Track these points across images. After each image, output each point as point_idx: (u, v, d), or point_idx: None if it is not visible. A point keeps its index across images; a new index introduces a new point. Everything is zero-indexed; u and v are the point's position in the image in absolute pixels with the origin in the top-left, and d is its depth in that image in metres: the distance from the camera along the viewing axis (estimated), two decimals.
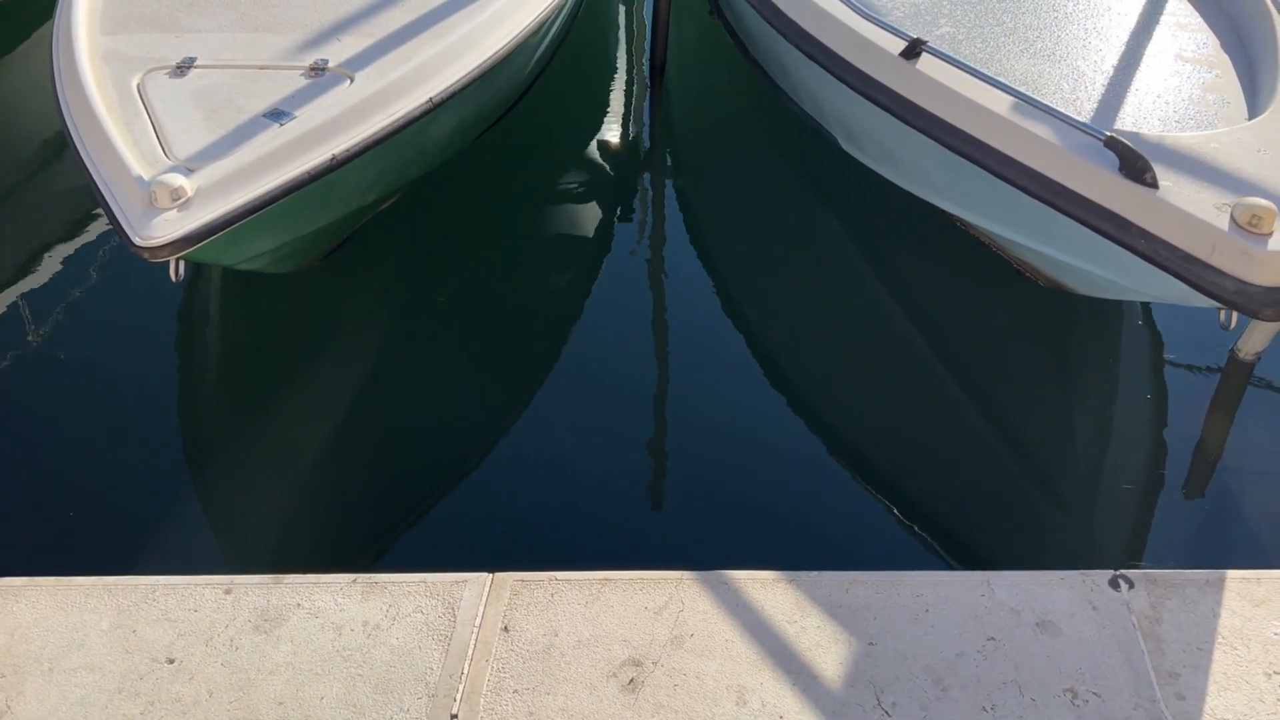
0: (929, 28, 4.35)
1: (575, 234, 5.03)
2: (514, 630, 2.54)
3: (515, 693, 2.41)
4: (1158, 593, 2.66)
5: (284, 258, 3.86)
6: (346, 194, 3.74)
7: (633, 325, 4.44)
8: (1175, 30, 4.32)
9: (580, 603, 2.61)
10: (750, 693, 2.42)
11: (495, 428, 3.80)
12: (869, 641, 2.54)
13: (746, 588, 2.66)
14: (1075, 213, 3.24)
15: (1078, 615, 2.60)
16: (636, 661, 2.48)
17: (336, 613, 2.56)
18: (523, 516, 3.41)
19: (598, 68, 6.54)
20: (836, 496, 3.72)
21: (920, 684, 2.44)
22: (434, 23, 3.91)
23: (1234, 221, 2.94)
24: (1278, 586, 2.68)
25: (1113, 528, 3.63)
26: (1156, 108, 3.78)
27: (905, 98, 3.75)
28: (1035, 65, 4.03)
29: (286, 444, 3.65)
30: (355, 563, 3.14)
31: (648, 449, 3.68)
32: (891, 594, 2.65)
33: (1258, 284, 2.89)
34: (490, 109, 4.63)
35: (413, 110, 3.52)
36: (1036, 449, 3.88)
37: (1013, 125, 3.38)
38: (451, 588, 2.63)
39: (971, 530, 3.65)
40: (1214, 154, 3.25)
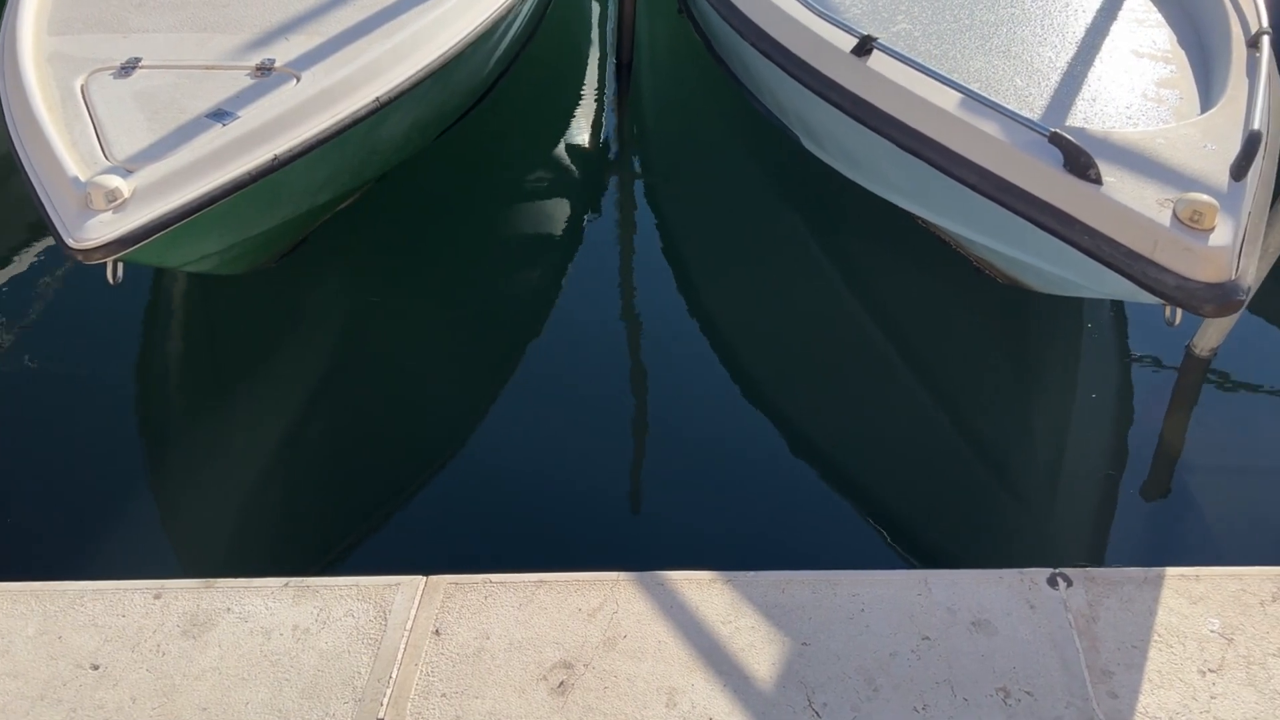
0: (886, 24, 4.33)
1: (538, 234, 5.00)
2: (445, 633, 2.52)
3: (443, 696, 2.39)
4: (1096, 591, 2.64)
5: (233, 259, 3.84)
6: (295, 194, 3.72)
7: (590, 328, 4.40)
8: (1133, 26, 4.31)
9: (514, 605, 2.59)
10: (681, 694, 2.40)
11: (442, 431, 3.77)
12: (803, 642, 2.52)
13: (683, 588, 2.64)
14: (1021, 209, 3.22)
15: (1014, 614, 2.59)
16: (568, 664, 2.46)
17: (267, 617, 2.54)
18: (465, 520, 3.38)
19: (565, 66, 6.52)
20: (792, 496, 3.70)
21: (852, 684, 2.43)
22: (384, 22, 3.88)
23: (1176, 217, 2.93)
24: (1217, 583, 2.67)
25: (1066, 526, 3.62)
26: (1109, 103, 3.77)
27: (856, 95, 3.74)
28: (990, 61, 4.02)
29: (229, 448, 3.62)
30: (299, 567, 3.10)
31: (595, 451, 3.66)
32: (828, 594, 2.63)
33: (1198, 280, 2.87)
34: (448, 108, 4.61)
35: (359, 110, 3.49)
36: (991, 447, 3.87)
37: (960, 122, 3.37)
38: (384, 591, 2.60)
39: (926, 529, 3.63)
40: (1160, 149, 3.24)
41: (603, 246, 4.96)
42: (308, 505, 3.42)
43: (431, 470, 3.58)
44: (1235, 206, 2.99)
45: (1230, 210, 2.97)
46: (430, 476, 3.55)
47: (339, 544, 3.27)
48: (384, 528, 3.33)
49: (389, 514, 3.39)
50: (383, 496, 3.45)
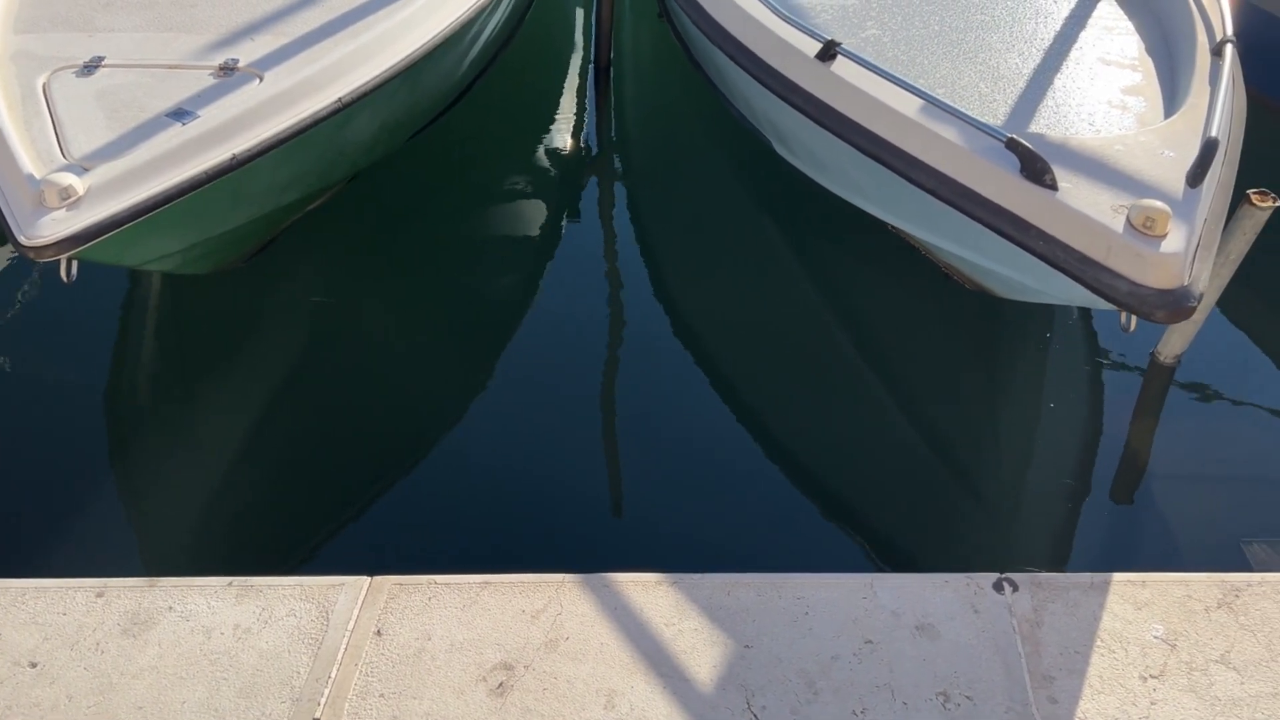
0: (855, 29, 4.34)
1: (511, 236, 5.00)
2: (387, 634, 2.52)
3: (381, 696, 2.38)
4: (1041, 595, 2.64)
5: (198, 259, 3.83)
6: (259, 194, 3.72)
7: (559, 331, 4.40)
8: (1102, 33, 4.32)
9: (458, 606, 2.58)
10: (620, 696, 2.39)
11: (401, 432, 3.77)
12: (745, 644, 2.51)
13: (628, 590, 2.63)
14: (978, 214, 3.22)
15: (958, 618, 2.58)
16: (508, 665, 2.45)
17: (208, 616, 2.53)
18: (422, 520, 3.38)
19: (545, 69, 6.53)
20: (754, 498, 3.69)
21: (792, 687, 2.42)
22: (350, 23, 3.87)
23: (1130, 223, 2.93)
24: (1163, 589, 2.66)
25: (1026, 531, 3.62)
26: (1072, 109, 3.77)
27: (820, 99, 3.75)
28: (956, 67, 4.03)
29: (187, 448, 3.62)
30: (253, 566, 3.09)
31: (554, 453, 3.65)
32: (773, 596, 2.63)
33: (1150, 286, 2.88)
34: (419, 110, 4.61)
35: (321, 110, 3.49)
36: (953, 452, 3.86)
37: (919, 127, 3.37)
38: (328, 591, 2.60)
39: (888, 533, 3.61)
40: (1118, 156, 3.24)
41: (574, 249, 4.96)
42: (265, 505, 3.42)
43: (393, 471, 3.57)
44: (1189, 213, 3.00)
45: (1184, 217, 2.97)
46: (392, 477, 3.55)
47: (294, 544, 3.27)
48: (339, 528, 3.33)
49: (346, 515, 3.39)
50: (342, 497, 3.45)
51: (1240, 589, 2.67)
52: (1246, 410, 4.10)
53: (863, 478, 3.78)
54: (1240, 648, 2.52)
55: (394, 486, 3.50)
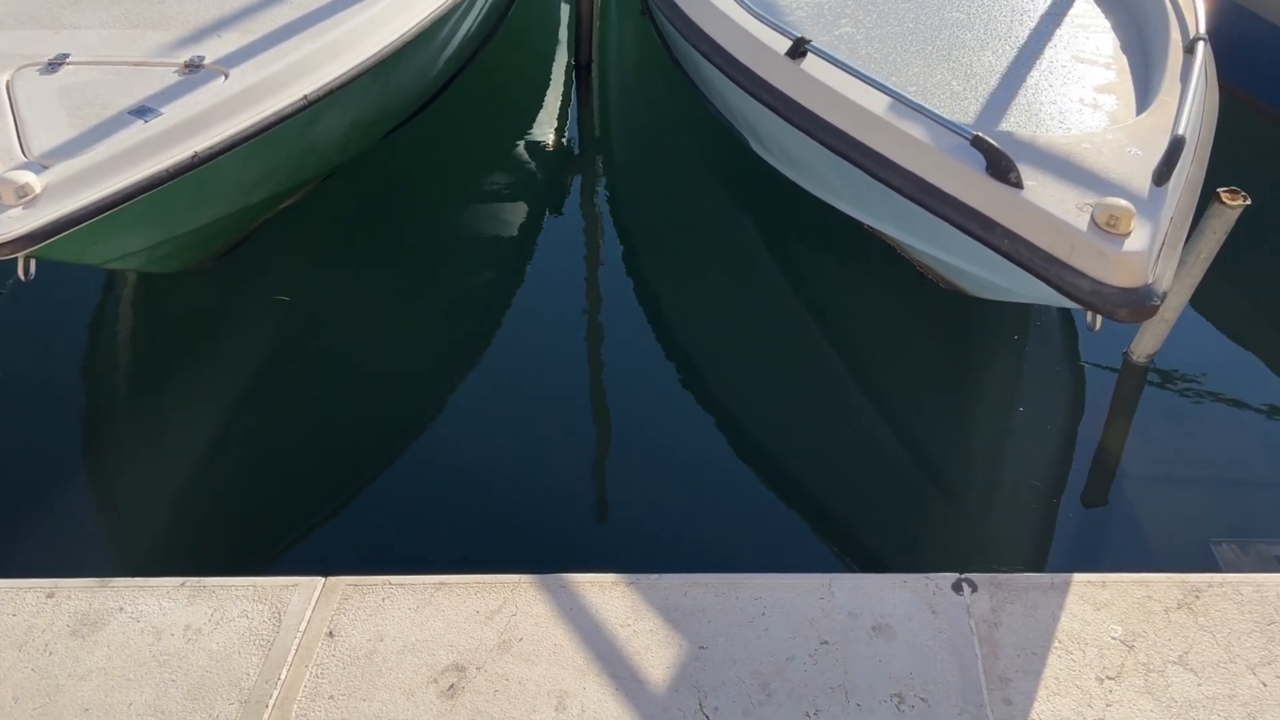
0: (829, 27, 4.32)
1: (487, 233, 4.98)
2: (339, 635, 2.50)
3: (331, 699, 2.36)
4: (1000, 596, 2.62)
5: (164, 258, 3.81)
6: (225, 192, 3.69)
7: (534, 330, 4.37)
8: (1077, 31, 4.30)
9: (411, 607, 2.56)
10: (571, 698, 2.37)
11: (368, 433, 3.75)
12: (700, 645, 2.49)
13: (584, 591, 2.61)
14: (944, 212, 3.21)
15: (916, 619, 2.56)
16: (460, 667, 2.43)
17: (159, 617, 2.51)
18: (386, 521, 3.36)
19: (528, 67, 6.51)
20: (724, 497, 3.68)
21: (746, 689, 2.40)
22: (319, 20, 3.85)
23: (1094, 222, 2.92)
24: (1123, 590, 2.65)
25: (998, 532, 3.59)
26: (1044, 107, 3.75)
27: (789, 97, 3.73)
28: (929, 65, 4.01)
29: (152, 447, 3.60)
30: (211, 566, 3.07)
31: (522, 452, 3.64)
32: (731, 597, 2.61)
33: (1113, 284, 2.86)
34: (392, 108, 4.58)
35: (285, 108, 3.47)
36: (925, 452, 3.84)
37: (886, 125, 3.35)
38: (281, 592, 2.58)
39: (858, 533, 3.60)
40: (1085, 154, 3.22)
41: (551, 247, 4.94)
42: (225, 505, 3.39)
43: (357, 471, 3.55)
44: (1154, 212, 2.98)
45: (1149, 215, 2.95)
46: (356, 477, 3.52)
47: (253, 544, 3.25)
48: (299, 529, 3.31)
49: (307, 515, 3.36)
50: (304, 497, 3.43)
51: (1201, 590, 2.65)
52: (1219, 410, 4.08)
53: (832, 477, 3.76)
54: (1199, 649, 2.51)
55: (357, 487, 3.48)
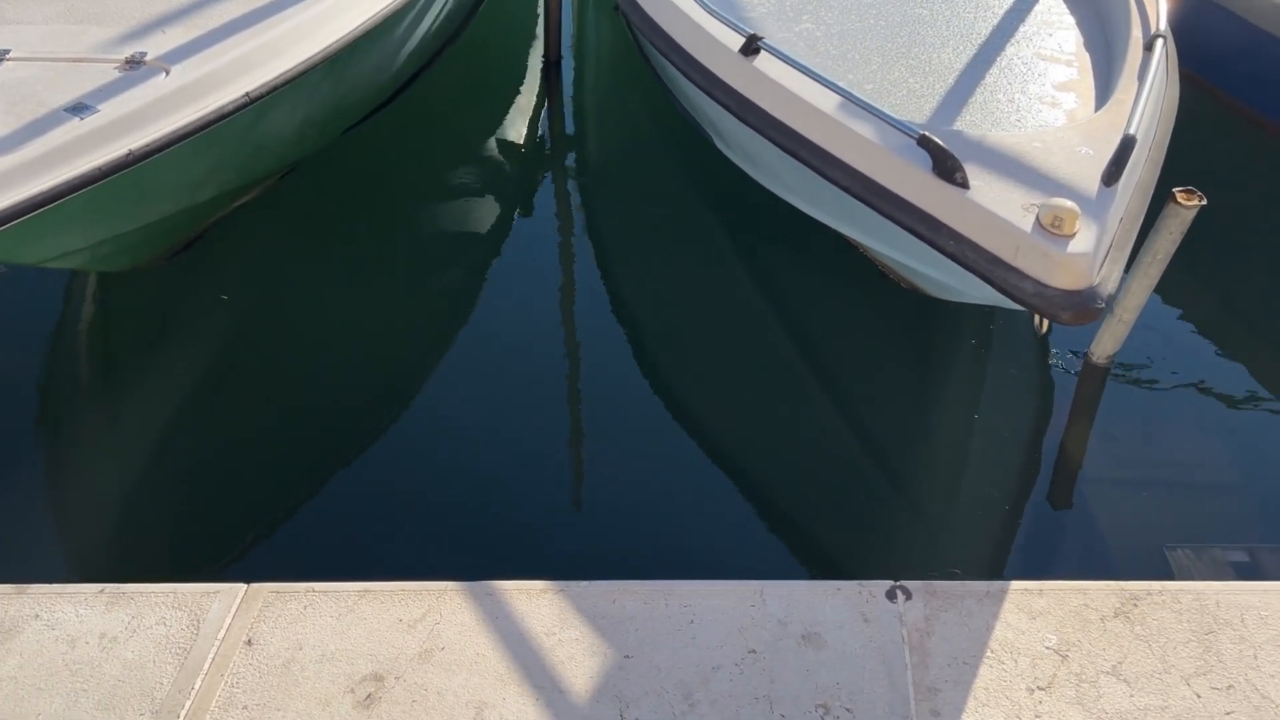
0: (790, 23, 4.27)
1: (450, 230, 4.93)
2: (257, 643, 2.45)
3: (244, 709, 2.32)
4: (934, 604, 2.57)
5: (109, 256, 3.76)
6: (168, 190, 3.64)
7: (484, 336, 4.31)
8: (1042, 28, 4.25)
9: (333, 615, 2.52)
10: (490, 709, 2.33)
11: (318, 437, 3.71)
12: (625, 654, 2.44)
13: (511, 598, 2.56)
14: (892, 213, 3.16)
15: (847, 627, 2.52)
16: (379, 676, 2.39)
17: (75, 624, 2.47)
18: (318, 528, 3.31)
19: (497, 63, 6.45)
20: (677, 502, 3.63)
21: (669, 699, 2.35)
22: (266, 16, 3.81)
23: (1039, 223, 2.87)
24: (1060, 598, 2.60)
25: (949, 537, 3.54)
26: (1001, 105, 3.70)
27: (742, 95, 3.68)
28: (888, 62, 3.95)
29: (93, 449, 3.56)
30: (130, 573, 3.01)
31: (466, 457, 3.60)
32: (660, 604, 2.56)
33: (1056, 286, 2.81)
34: (349, 105, 4.53)
35: (227, 104, 3.42)
36: (879, 456, 3.79)
37: (835, 123, 3.30)
38: (201, 599, 2.53)
39: (807, 538, 3.55)
40: (1035, 153, 3.17)
41: (516, 244, 4.88)
42: (153, 511, 3.34)
43: (294, 476, 3.51)
44: (1101, 212, 2.93)
45: (1095, 216, 2.90)
46: (293, 482, 3.48)
47: (178, 550, 3.20)
48: (227, 535, 3.26)
49: (236, 521, 3.32)
50: (237, 502, 3.38)
51: (1140, 598, 2.60)
52: (1181, 412, 4.03)
53: (784, 481, 3.71)
54: (1133, 659, 2.46)
55: (296, 493, 3.43)
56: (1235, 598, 2.61)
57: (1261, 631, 2.53)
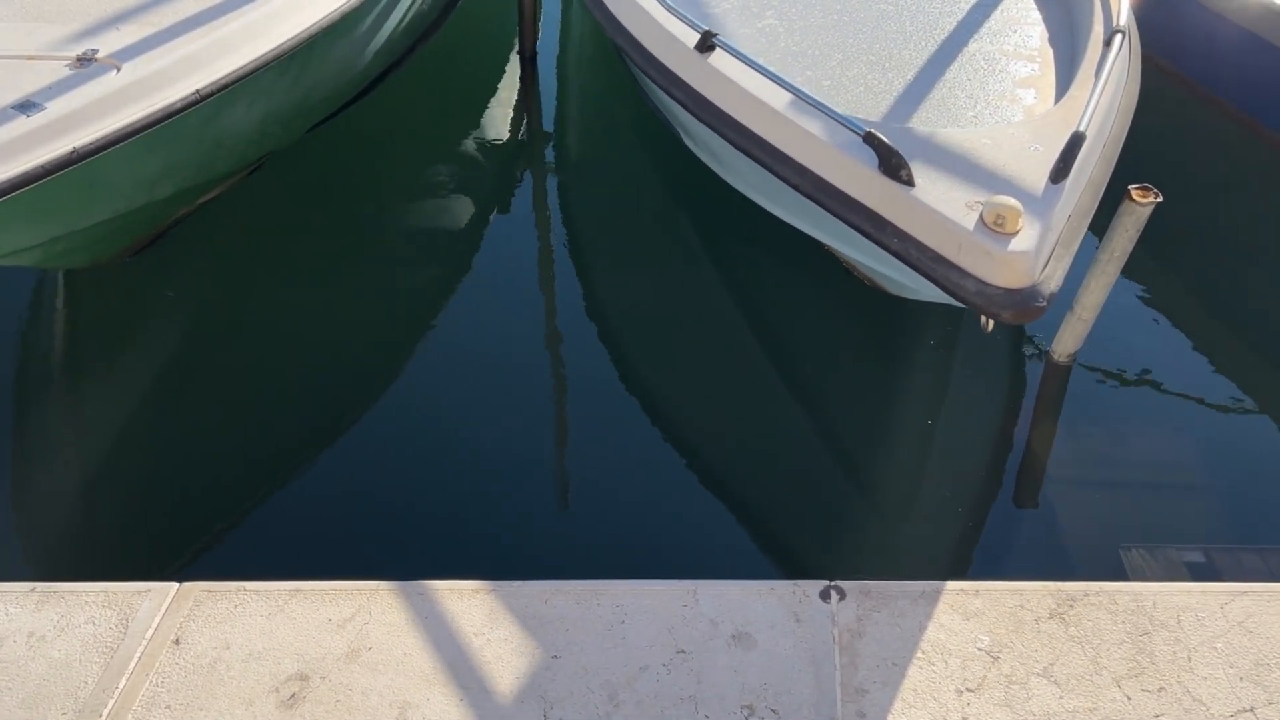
0: (754, 19, 4.25)
1: (420, 226, 4.90)
2: (185, 643, 2.45)
3: (168, 708, 2.31)
4: (868, 604, 2.55)
5: (64, 254, 3.75)
6: (121, 187, 3.63)
7: (432, 336, 4.31)
8: (1008, 24, 4.22)
9: (263, 614, 2.51)
10: (414, 709, 2.32)
11: (273, 436, 3.70)
12: (553, 654, 2.43)
13: (443, 598, 2.56)
14: (839, 210, 3.14)
15: (778, 627, 2.50)
16: (304, 676, 2.38)
17: (4, 623, 2.46)
18: (260, 527, 3.30)
19: (473, 58, 6.42)
20: (641, 501, 3.62)
21: (594, 699, 2.34)
22: (222, 13, 3.80)
23: (982, 221, 2.85)
24: (995, 599, 2.58)
25: (900, 536, 3.53)
26: (958, 102, 3.67)
27: (697, 91, 3.66)
28: (849, 58, 3.92)
29: (26, 448, 3.56)
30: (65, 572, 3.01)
31: (415, 456, 3.59)
32: (592, 604, 2.55)
33: (997, 285, 2.78)
34: (312, 102, 4.50)
35: (175, 102, 3.42)
36: (840, 455, 3.76)
37: (786, 121, 3.28)
38: (132, 598, 2.53)
39: (786, 539, 3.53)
40: (984, 151, 3.14)
41: (488, 240, 4.86)
42: (94, 509, 3.34)
43: (240, 475, 3.50)
44: (1046, 211, 2.90)
45: (1039, 214, 2.88)
46: (240, 481, 3.47)
47: (114, 549, 3.19)
48: (166, 534, 3.25)
49: (176, 520, 3.31)
50: (179, 502, 3.37)
51: (1076, 599, 2.58)
52: (1143, 410, 3.99)
53: (742, 479, 3.69)
54: (1065, 660, 2.44)
55: (238, 492, 3.42)
56: (1173, 599, 2.59)
57: (1197, 633, 2.51)
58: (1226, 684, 2.40)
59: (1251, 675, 2.41)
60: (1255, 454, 3.82)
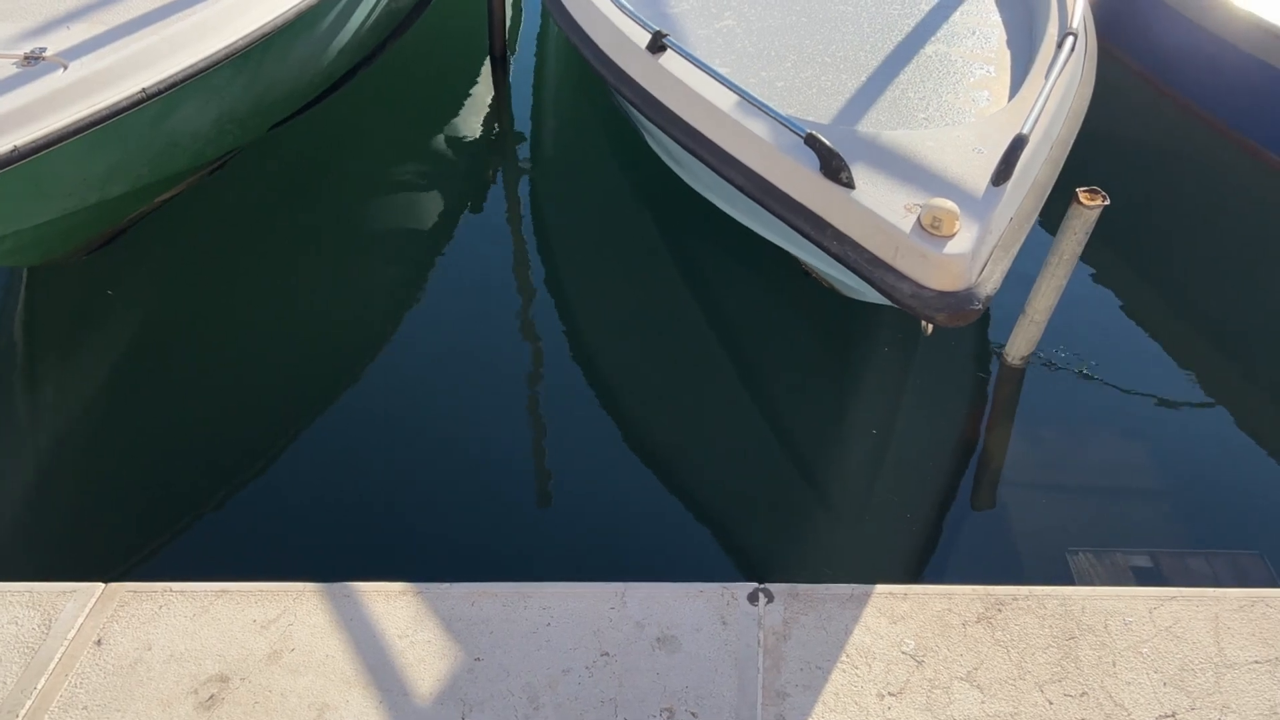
0: (712, 20, 4.25)
1: (384, 226, 4.89)
2: (107, 643, 2.44)
3: (85, 709, 2.30)
4: (796, 607, 2.55)
5: (13, 251, 3.73)
6: (69, 185, 3.61)
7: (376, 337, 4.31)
8: (967, 27, 4.21)
9: (187, 615, 2.50)
10: (332, 710, 2.31)
11: (223, 437, 3.68)
12: (476, 657, 2.43)
13: (369, 600, 2.55)
14: (782, 212, 3.13)
15: (704, 630, 2.50)
16: (224, 677, 2.37)
17: None
18: (188, 527, 3.29)
19: (444, 57, 6.41)
20: (602, 504, 3.62)
21: (514, 702, 2.34)
22: (174, 12, 3.79)
23: (919, 223, 2.84)
24: (923, 602, 2.57)
25: (848, 539, 3.51)
26: (910, 104, 3.66)
27: (648, 91, 3.65)
28: (803, 60, 3.92)
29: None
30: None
31: (352, 457, 3.58)
32: (519, 606, 2.54)
33: (932, 287, 2.78)
34: (270, 100, 4.48)
35: (120, 100, 3.41)
36: (801, 459, 3.74)
37: (732, 122, 3.27)
38: (56, 598, 2.52)
39: (739, 540, 3.53)
40: (928, 153, 3.14)
41: (453, 242, 4.85)
42: (29, 508, 3.34)
43: (192, 476, 3.49)
44: (985, 213, 2.90)
45: (978, 217, 2.87)
46: (185, 482, 3.46)
47: (41, 549, 3.18)
48: (99, 534, 3.24)
49: (109, 520, 3.30)
50: (116, 502, 3.37)
51: (1005, 602, 2.58)
52: (1096, 413, 3.98)
53: (691, 480, 3.68)
54: (990, 664, 2.43)
55: (175, 493, 3.41)
56: (1102, 603, 2.59)
57: (1124, 638, 2.51)
58: (1150, 689, 2.39)
59: (1175, 680, 2.41)
60: (1206, 457, 3.82)
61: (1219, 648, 2.49)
